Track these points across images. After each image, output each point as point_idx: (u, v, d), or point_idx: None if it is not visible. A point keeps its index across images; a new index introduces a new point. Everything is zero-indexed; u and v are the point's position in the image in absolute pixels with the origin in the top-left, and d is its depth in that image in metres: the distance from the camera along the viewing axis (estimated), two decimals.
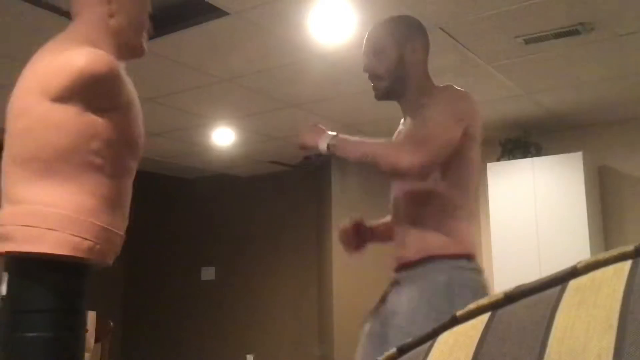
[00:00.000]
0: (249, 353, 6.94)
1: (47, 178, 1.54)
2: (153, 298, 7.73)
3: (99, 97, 1.57)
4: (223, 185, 7.41)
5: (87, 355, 3.32)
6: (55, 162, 1.54)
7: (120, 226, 1.66)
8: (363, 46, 2.02)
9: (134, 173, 1.72)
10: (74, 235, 1.52)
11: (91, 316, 3.60)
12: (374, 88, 2.00)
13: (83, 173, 1.56)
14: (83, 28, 1.68)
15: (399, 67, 1.95)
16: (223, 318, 7.18)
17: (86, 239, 1.54)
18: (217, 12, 3.26)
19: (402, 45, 1.95)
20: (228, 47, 3.73)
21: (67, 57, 1.55)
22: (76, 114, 1.54)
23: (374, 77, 1.99)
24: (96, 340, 3.45)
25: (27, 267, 1.53)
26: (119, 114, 1.61)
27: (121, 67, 1.64)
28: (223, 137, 5.74)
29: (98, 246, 1.56)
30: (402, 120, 2.06)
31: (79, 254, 1.53)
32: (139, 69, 4.08)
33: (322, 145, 1.91)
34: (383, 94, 2.00)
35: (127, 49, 1.74)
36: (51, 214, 1.52)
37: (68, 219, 1.52)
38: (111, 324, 3.58)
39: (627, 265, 0.30)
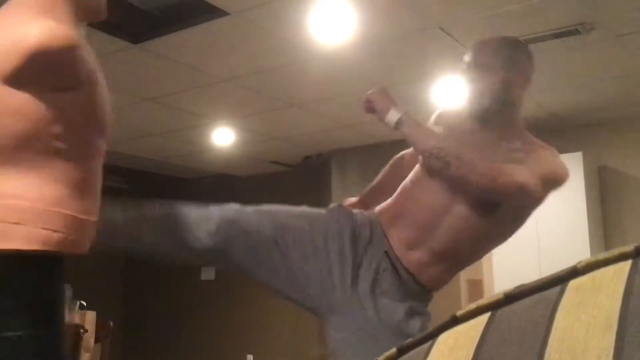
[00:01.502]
0: (249, 353, 6.94)
1: (6, 168, 1.39)
2: (153, 298, 7.73)
3: (57, 75, 1.41)
4: (223, 185, 7.40)
5: (87, 355, 3.32)
6: (14, 151, 1.39)
7: (91, 211, 1.52)
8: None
9: (102, 153, 1.57)
10: (42, 228, 1.39)
11: (91, 316, 3.60)
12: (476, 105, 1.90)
13: (45, 160, 1.42)
14: None
15: (505, 91, 1.89)
16: (223, 318, 7.18)
17: (56, 230, 1.41)
18: (217, 12, 3.27)
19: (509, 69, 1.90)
20: (228, 47, 3.73)
21: (18, 33, 1.37)
22: (33, 97, 1.38)
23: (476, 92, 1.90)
24: (96, 341, 3.45)
25: None
26: (80, 92, 1.45)
27: (81, 38, 1.46)
28: (223, 137, 5.73)
29: (70, 237, 1.44)
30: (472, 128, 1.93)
31: (50, 248, 1.40)
32: (139, 69, 4.10)
33: (392, 115, 1.80)
34: (483, 112, 1.90)
35: (85, 12, 1.55)
36: (15, 207, 1.38)
37: (34, 211, 1.39)
38: (111, 324, 3.58)
39: (627, 265, 0.30)
